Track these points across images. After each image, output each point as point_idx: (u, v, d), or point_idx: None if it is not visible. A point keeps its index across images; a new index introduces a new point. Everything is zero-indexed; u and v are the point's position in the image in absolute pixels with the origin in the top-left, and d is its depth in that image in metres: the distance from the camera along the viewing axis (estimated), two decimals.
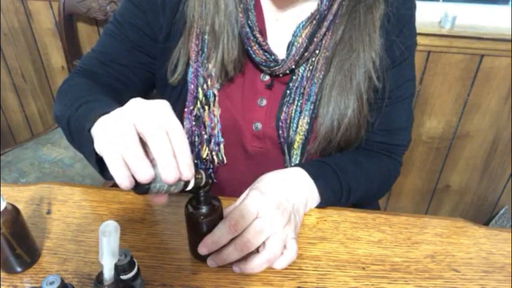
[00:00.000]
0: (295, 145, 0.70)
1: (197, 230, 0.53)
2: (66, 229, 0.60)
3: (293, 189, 0.60)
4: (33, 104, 1.77)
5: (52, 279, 0.43)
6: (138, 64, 0.72)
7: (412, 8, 0.71)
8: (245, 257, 0.53)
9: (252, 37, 0.65)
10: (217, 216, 0.53)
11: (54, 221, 0.62)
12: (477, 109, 1.45)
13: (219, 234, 0.52)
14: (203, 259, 0.54)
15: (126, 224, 0.61)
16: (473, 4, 1.36)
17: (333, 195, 0.65)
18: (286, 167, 0.72)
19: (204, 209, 0.52)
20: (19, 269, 0.53)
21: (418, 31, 0.73)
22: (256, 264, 0.53)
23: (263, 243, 0.54)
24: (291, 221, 0.56)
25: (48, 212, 0.63)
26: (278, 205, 0.55)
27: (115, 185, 0.71)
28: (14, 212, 0.51)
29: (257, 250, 0.54)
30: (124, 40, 0.71)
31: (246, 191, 0.59)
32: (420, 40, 1.32)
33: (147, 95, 0.78)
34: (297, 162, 0.71)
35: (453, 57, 1.35)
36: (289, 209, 0.57)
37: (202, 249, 0.52)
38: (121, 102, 0.69)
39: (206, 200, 0.51)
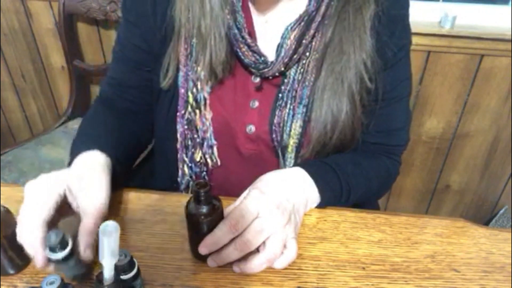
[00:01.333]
0: (289, 149, 0.70)
1: (197, 230, 0.53)
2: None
3: (293, 189, 0.60)
4: (33, 104, 1.77)
5: (52, 279, 0.43)
6: (144, 82, 0.74)
7: (405, 7, 0.70)
8: (245, 257, 0.53)
9: (240, 39, 0.65)
10: (217, 216, 0.53)
11: None
12: (477, 109, 1.45)
13: (220, 234, 0.52)
14: (203, 259, 0.54)
15: (126, 224, 0.61)
16: (473, 4, 1.36)
17: (333, 195, 0.65)
18: (281, 169, 0.72)
19: (204, 209, 0.51)
20: (11, 271, 0.53)
21: (418, 31, 0.73)
22: (256, 264, 0.53)
23: (263, 242, 0.54)
24: (291, 221, 0.56)
25: None
26: (278, 205, 0.55)
27: None
28: (6, 214, 0.51)
29: (257, 250, 0.54)
30: (127, 62, 0.73)
31: (246, 191, 0.59)
32: (420, 40, 1.32)
33: None
34: (291, 165, 0.71)
35: (453, 57, 1.35)
36: (289, 209, 0.57)
37: (203, 249, 0.52)
38: (140, 122, 0.77)
39: (207, 200, 0.51)
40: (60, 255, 0.46)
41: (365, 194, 0.71)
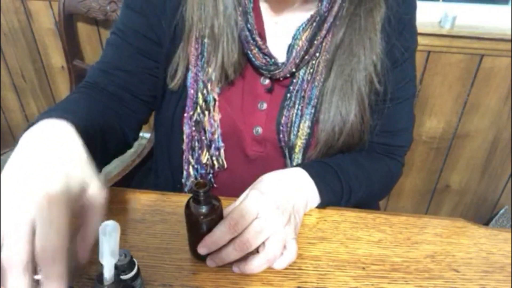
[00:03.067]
0: (296, 149, 0.70)
1: (197, 230, 0.53)
2: None
3: (293, 190, 0.60)
4: (33, 104, 1.77)
5: None
6: (143, 69, 0.70)
7: (412, 10, 0.71)
8: (245, 258, 0.53)
9: (251, 41, 0.64)
10: (217, 216, 0.52)
11: None
12: (477, 109, 1.45)
13: (219, 234, 0.52)
14: (203, 259, 0.54)
15: (126, 224, 0.61)
16: (473, 4, 1.36)
17: (334, 195, 0.65)
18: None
19: (204, 209, 0.51)
20: None
21: (418, 31, 0.74)
22: (255, 265, 0.53)
23: (263, 243, 0.53)
24: (291, 221, 0.56)
25: None
26: (278, 206, 0.55)
27: (115, 185, 0.71)
28: None
29: (257, 251, 0.54)
30: (127, 47, 0.69)
31: (246, 191, 0.59)
32: (420, 40, 1.30)
33: (154, 105, 0.76)
34: None
35: (453, 57, 1.35)
36: (289, 209, 0.57)
37: (202, 249, 0.52)
38: (126, 113, 0.70)
39: (206, 200, 0.51)
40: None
41: (367, 195, 0.70)
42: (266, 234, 0.53)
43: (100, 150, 0.61)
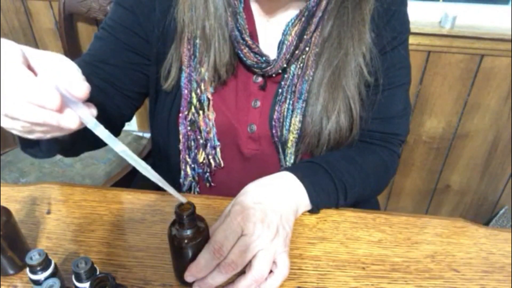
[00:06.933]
0: (289, 144, 0.70)
1: (182, 255, 0.50)
2: (66, 229, 0.60)
3: (279, 198, 0.58)
4: None
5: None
6: (129, 64, 0.70)
7: (403, 3, 0.71)
8: (233, 279, 0.51)
9: (241, 41, 0.65)
10: (203, 239, 0.49)
11: (54, 221, 0.62)
12: (477, 109, 1.45)
13: (205, 262, 0.49)
14: (190, 284, 0.52)
15: (126, 224, 0.61)
16: (473, 4, 1.36)
17: (327, 195, 0.63)
18: (282, 166, 0.72)
19: (188, 233, 0.48)
20: (11, 272, 0.53)
21: (418, 31, 0.74)
22: (243, 286, 0.50)
23: (250, 262, 0.51)
24: (279, 234, 0.53)
25: (48, 212, 0.63)
26: (262, 219, 0.53)
27: (115, 185, 0.71)
28: (5, 214, 0.51)
29: (243, 271, 0.51)
30: (114, 41, 0.69)
31: (229, 206, 0.57)
32: (420, 40, 1.32)
33: (140, 102, 0.76)
34: (291, 161, 0.71)
35: (453, 57, 1.35)
36: (275, 221, 0.54)
37: (189, 278, 0.50)
38: (109, 106, 0.68)
39: (191, 223, 0.48)
40: (42, 276, 0.45)
41: (364, 191, 0.69)
42: (252, 252, 0.51)
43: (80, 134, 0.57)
